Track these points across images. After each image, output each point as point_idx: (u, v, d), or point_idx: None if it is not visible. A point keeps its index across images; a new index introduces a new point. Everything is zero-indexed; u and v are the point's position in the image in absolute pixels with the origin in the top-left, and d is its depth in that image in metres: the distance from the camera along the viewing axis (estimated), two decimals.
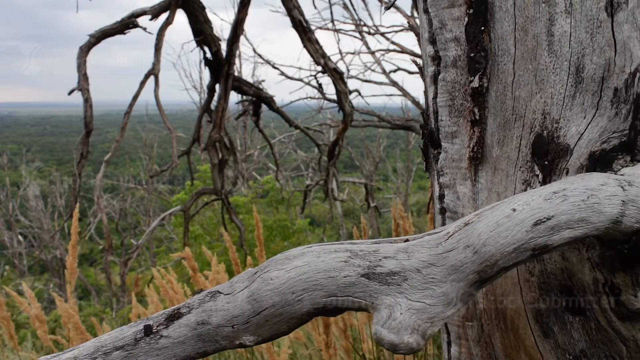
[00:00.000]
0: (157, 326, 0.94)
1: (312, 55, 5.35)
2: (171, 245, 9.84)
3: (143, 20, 4.92)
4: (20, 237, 11.99)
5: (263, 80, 9.69)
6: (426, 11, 1.02)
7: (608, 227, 0.77)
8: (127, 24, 4.85)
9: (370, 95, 11.62)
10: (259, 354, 2.73)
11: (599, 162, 0.90)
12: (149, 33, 4.86)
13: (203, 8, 4.94)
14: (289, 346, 2.39)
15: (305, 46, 5.32)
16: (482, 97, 0.97)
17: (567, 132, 0.92)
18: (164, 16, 4.96)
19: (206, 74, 5.51)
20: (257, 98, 5.91)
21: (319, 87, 6.98)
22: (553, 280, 0.96)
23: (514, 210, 0.74)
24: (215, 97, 5.55)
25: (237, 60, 11.83)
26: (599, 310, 0.93)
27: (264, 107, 6.09)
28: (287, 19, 5.05)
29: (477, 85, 0.96)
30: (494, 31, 0.94)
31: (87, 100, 4.86)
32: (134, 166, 13.69)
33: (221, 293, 0.90)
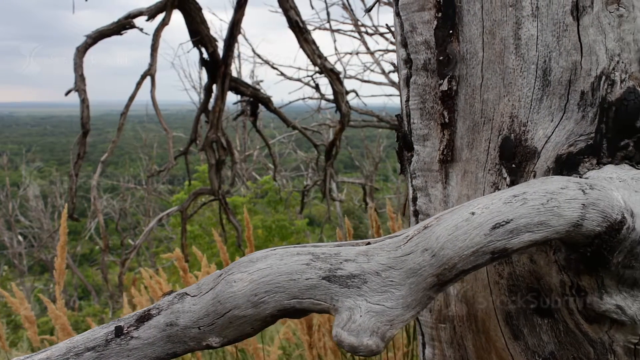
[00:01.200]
0: (128, 327, 0.95)
1: (308, 56, 5.36)
2: (170, 245, 9.86)
3: (140, 21, 4.93)
4: (20, 237, 12.03)
5: (261, 81, 9.71)
6: (398, 14, 1.03)
7: (569, 231, 0.77)
8: (123, 24, 4.87)
9: (370, 95, 11.63)
10: (249, 356, 2.74)
11: (566, 165, 0.90)
12: (146, 34, 4.87)
13: (199, 9, 4.95)
14: (279, 346, 2.40)
15: (301, 46, 5.32)
16: (451, 100, 0.97)
17: (534, 135, 0.92)
18: (160, 17, 4.97)
19: (205, 74, 5.51)
20: (255, 98, 5.92)
21: (316, 88, 6.99)
22: (522, 283, 0.96)
23: (473, 213, 0.74)
24: (213, 98, 5.56)
25: (236, 61, 11.86)
26: (567, 313, 0.93)
27: (263, 107, 6.10)
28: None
29: (446, 89, 0.96)
30: (462, 34, 0.95)
31: (83, 101, 4.88)
32: (134, 166, 13.73)
33: (188, 295, 0.90)
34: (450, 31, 0.95)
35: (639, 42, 0.86)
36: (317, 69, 5.66)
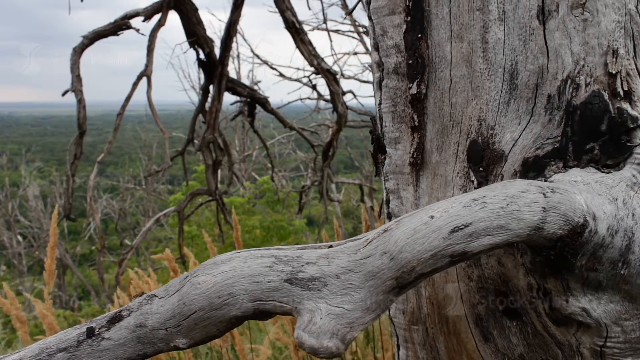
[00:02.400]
0: (100, 328, 0.96)
1: (305, 57, 5.37)
2: (169, 245, 9.87)
3: (137, 22, 4.94)
4: (19, 237, 12.06)
5: (259, 81, 9.71)
6: (370, 18, 1.03)
7: (530, 234, 0.78)
8: (120, 25, 4.88)
9: (369, 95, 11.61)
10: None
11: (532, 168, 0.90)
12: (142, 34, 4.88)
13: (195, 9, 4.96)
14: (269, 347, 2.40)
15: (298, 47, 5.33)
16: (420, 104, 0.98)
17: (501, 138, 0.92)
18: (156, 17, 4.98)
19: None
20: (252, 99, 5.92)
21: (313, 88, 6.99)
22: (490, 285, 0.97)
23: (432, 217, 0.74)
24: (210, 98, 5.57)
25: (235, 61, 11.87)
26: (535, 315, 0.94)
27: (261, 108, 6.10)
28: None
29: (415, 92, 0.97)
30: (431, 38, 0.95)
31: (80, 102, 4.90)
32: (134, 166, 13.74)
33: (157, 296, 0.91)
34: (419, 35, 0.95)
35: (604, 46, 0.86)
36: (314, 69, 5.67)
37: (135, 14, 4.85)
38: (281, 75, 8.57)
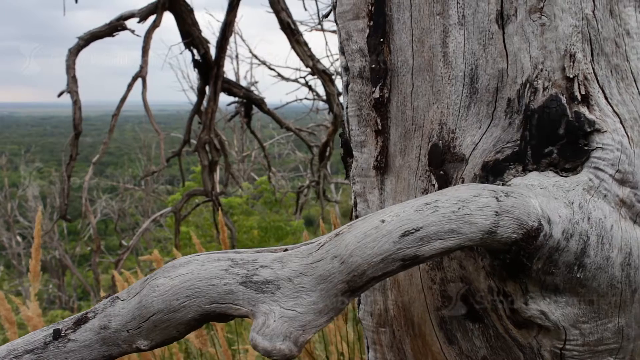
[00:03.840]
0: (66, 330, 0.97)
1: (300, 57, 5.37)
2: (167, 246, 9.89)
3: (133, 23, 4.95)
4: (18, 238, 12.09)
5: (256, 82, 9.72)
6: (336, 22, 1.04)
7: (483, 238, 0.78)
8: (115, 26, 4.90)
9: None
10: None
11: (492, 171, 0.91)
12: (137, 35, 4.89)
13: (190, 10, 4.98)
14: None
15: (293, 48, 5.34)
16: (384, 108, 0.98)
17: (462, 142, 0.93)
18: (152, 19, 4.99)
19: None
20: (248, 100, 5.93)
21: (310, 88, 7.00)
22: (453, 288, 0.97)
23: (383, 221, 0.75)
24: (205, 99, 5.58)
25: (234, 61, 11.88)
26: (496, 318, 0.94)
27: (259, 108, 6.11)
28: None
29: (378, 96, 0.97)
30: (393, 43, 0.96)
31: (75, 103, 4.91)
32: (133, 167, 13.77)
33: (119, 299, 0.92)
34: (381, 39, 0.96)
35: (561, 50, 0.87)
36: (309, 70, 5.67)
37: (131, 15, 4.87)
38: (279, 75, 8.58)
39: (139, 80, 5.12)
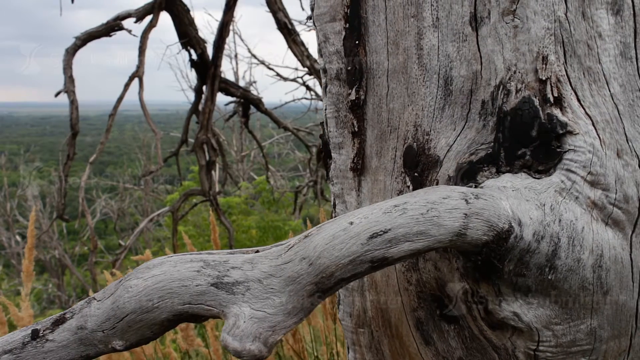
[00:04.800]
0: (44, 330, 0.97)
1: (297, 57, 5.38)
2: (165, 245, 9.90)
3: (129, 23, 4.96)
4: (18, 238, 12.12)
5: (254, 82, 9.73)
6: (314, 24, 1.04)
7: (452, 240, 0.79)
8: (112, 26, 4.91)
9: None
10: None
11: (466, 173, 0.91)
12: (134, 36, 4.90)
13: (187, 10, 4.98)
14: None
15: (290, 48, 5.34)
16: (360, 110, 0.99)
17: (437, 143, 0.93)
18: (149, 19, 5.00)
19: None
20: (245, 100, 5.94)
21: (307, 88, 7.01)
22: (428, 289, 0.98)
23: (352, 223, 0.76)
24: (203, 99, 5.59)
25: (233, 61, 11.88)
26: (471, 319, 0.94)
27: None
28: None
29: (354, 98, 0.98)
30: (368, 45, 0.96)
31: (72, 102, 4.92)
32: (133, 166, 13.78)
33: (95, 299, 0.93)
34: (357, 42, 0.96)
35: (534, 52, 0.87)
36: (307, 70, 5.68)
37: (127, 15, 4.88)
38: (278, 75, 8.59)
39: (139, 80, 5.12)
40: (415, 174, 0.94)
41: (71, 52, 4.86)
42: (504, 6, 0.88)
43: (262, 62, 8.91)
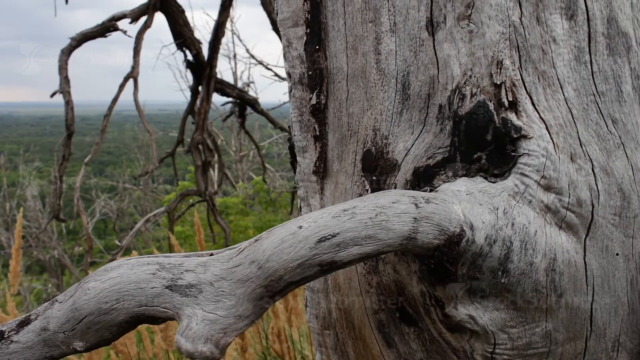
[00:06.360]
0: (9, 332, 0.99)
1: None
2: (163, 245, 9.93)
3: (125, 24, 4.98)
4: None
5: (252, 82, 9.74)
6: (279, 29, 1.05)
7: (402, 244, 0.79)
8: (107, 27, 4.93)
9: None
10: None
11: (423, 177, 0.92)
12: (129, 36, 4.92)
13: (182, 11, 5.00)
14: (234, 348, 2.43)
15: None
16: (321, 114, 1.00)
17: (395, 147, 0.94)
18: (144, 19, 5.01)
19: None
20: (241, 100, 5.95)
21: None
22: (388, 292, 0.98)
23: (300, 227, 0.76)
24: (199, 100, 5.61)
25: (232, 61, 11.90)
26: (430, 322, 0.95)
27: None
28: None
29: (315, 102, 0.99)
30: (329, 50, 0.97)
31: (68, 103, 4.94)
32: (132, 166, 13.82)
33: (57, 301, 0.94)
34: (317, 47, 0.97)
35: (489, 57, 0.88)
36: None
37: (123, 16, 4.90)
38: (276, 75, 8.61)
39: (141, 80, 5.14)
40: (374, 177, 0.95)
41: (66, 52, 4.87)
42: (459, 11, 0.88)
43: (260, 62, 8.94)
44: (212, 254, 0.82)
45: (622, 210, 0.89)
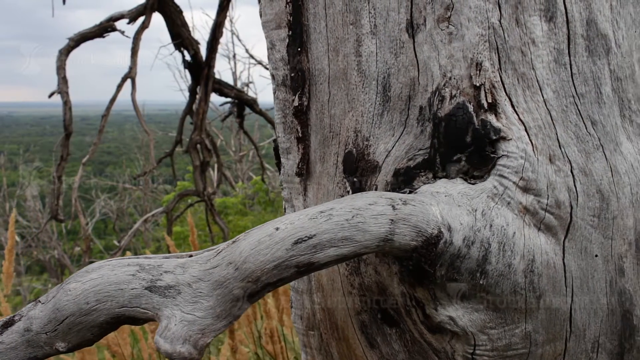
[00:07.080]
0: None
1: None
2: (162, 245, 9.94)
3: (123, 25, 4.98)
4: (17, 238, 12.16)
5: (251, 82, 9.75)
6: (263, 31, 1.06)
7: (379, 245, 0.80)
8: (105, 27, 4.93)
9: None
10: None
11: (403, 179, 0.92)
12: (127, 37, 4.93)
13: (180, 11, 5.01)
14: (227, 349, 2.44)
15: None
16: (304, 115, 1.00)
17: (376, 149, 0.94)
18: (142, 20, 5.02)
19: None
20: (239, 100, 5.96)
21: None
22: (370, 293, 0.99)
23: (277, 229, 0.77)
24: (197, 100, 5.61)
25: (231, 62, 11.92)
26: (411, 323, 0.96)
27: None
28: None
29: (297, 104, 0.99)
30: (310, 52, 0.98)
31: (66, 103, 4.95)
32: (132, 166, 13.83)
33: (40, 302, 0.94)
34: (299, 49, 0.98)
35: (468, 58, 0.88)
36: None
37: (120, 17, 4.91)
38: None
39: (141, 80, 5.15)
40: (355, 179, 0.95)
41: (65, 53, 4.89)
42: (439, 13, 0.89)
43: (260, 63, 8.94)
44: (191, 255, 0.83)
45: (600, 211, 0.89)
